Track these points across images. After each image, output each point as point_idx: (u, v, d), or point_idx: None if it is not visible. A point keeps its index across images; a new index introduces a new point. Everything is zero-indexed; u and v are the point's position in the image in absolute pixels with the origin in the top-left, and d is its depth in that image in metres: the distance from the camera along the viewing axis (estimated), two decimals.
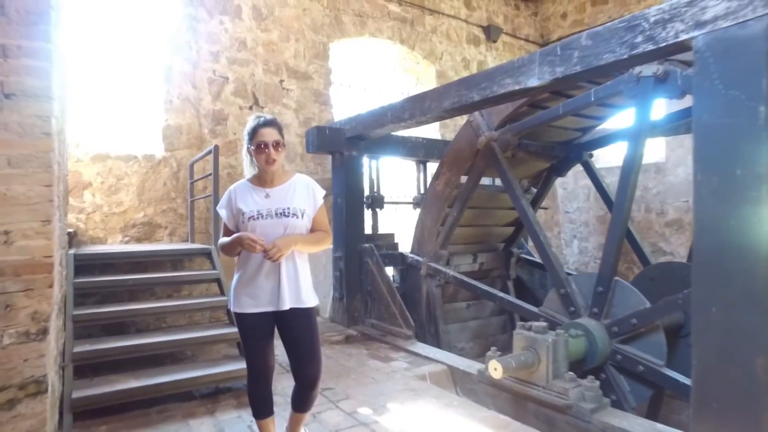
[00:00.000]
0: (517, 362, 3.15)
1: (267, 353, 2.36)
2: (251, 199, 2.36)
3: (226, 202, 2.42)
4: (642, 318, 3.39)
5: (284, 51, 6.25)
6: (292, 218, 2.32)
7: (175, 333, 3.65)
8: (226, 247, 2.35)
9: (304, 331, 2.33)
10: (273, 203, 2.34)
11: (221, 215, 2.45)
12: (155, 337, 3.53)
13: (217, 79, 5.74)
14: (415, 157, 6.15)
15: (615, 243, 3.55)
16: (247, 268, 2.33)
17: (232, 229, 2.40)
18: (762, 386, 2.19)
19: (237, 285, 2.36)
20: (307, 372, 2.31)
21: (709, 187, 2.35)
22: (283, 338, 2.39)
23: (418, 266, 5.49)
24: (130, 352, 3.31)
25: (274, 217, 2.31)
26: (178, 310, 3.89)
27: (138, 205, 5.27)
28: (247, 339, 2.36)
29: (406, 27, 7.53)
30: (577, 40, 2.95)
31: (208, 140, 5.57)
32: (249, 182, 2.45)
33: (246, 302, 2.31)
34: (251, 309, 2.30)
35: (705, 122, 2.38)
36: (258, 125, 2.37)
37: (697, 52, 2.39)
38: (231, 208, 2.39)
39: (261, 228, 2.28)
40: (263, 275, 2.30)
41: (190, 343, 3.64)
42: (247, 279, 2.32)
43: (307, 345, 2.32)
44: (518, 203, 4.32)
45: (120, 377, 3.16)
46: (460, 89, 3.81)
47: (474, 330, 5.99)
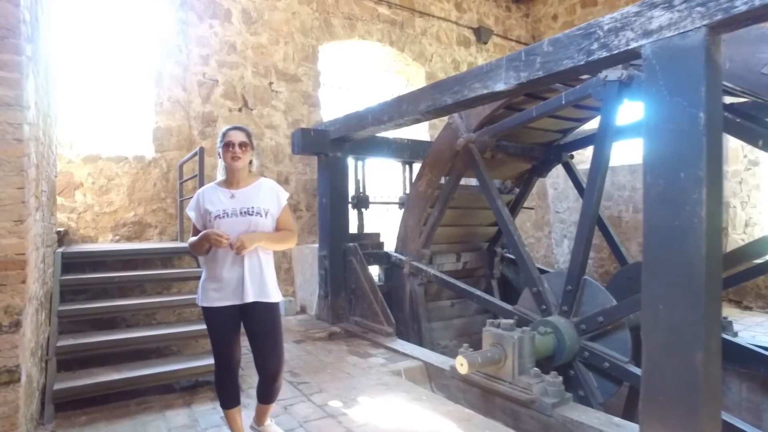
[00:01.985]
0: (483, 358, 3.26)
1: (233, 346, 2.49)
2: (218, 199, 2.51)
3: (195, 204, 2.56)
4: (608, 316, 3.50)
5: (273, 54, 6.38)
6: (255, 216, 2.46)
7: (159, 328, 3.79)
8: (194, 244, 2.48)
9: (266, 325, 2.46)
10: (238, 203, 2.48)
11: (191, 217, 2.58)
12: (138, 332, 3.67)
13: (206, 81, 5.87)
14: (400, 158, 6.26)
15: (583, 242, 3.65)
16: (214, 263, 2.47)
17: (201, 229, 2.53)
18: (701, 379, 2.29)
19: (204, 281, 2.49)
20: (269, 366, 2.44)
21: (656, 189, 2.46)
22: (248, 332, 2.51)
23: (402, 265, 5.61)
24: (113, 347, 3.45)
25: (239, 215, 2.44)
26: (165, 306, 4.01)
27: (128, 204, 5.41)
28: (214, 332, 2.49)
29: (396, 29, 7.64)
30: (540, 47, 3.06)
31: (197, 142, 5.71)
32: (217, 185, 2.59)
33: (212, 296, 2.44)
34: (217, 303, 2.43)
35: (653, 126, 2.48)
36: (227, 129, 2.57)
37: (645, 60, 2.49)
38: (199, 210, 2.53)
39: (226, 226, 2.41)
40: (227, 269, 2.43)
41: (173, 338, 3.77)
42: (213, 274, 2.46)
43: (269, 339, 2.44)
44: (493, 203, 4.43)
45: (103, 370, 3.30)
46: (434, 93, 3.92)
47: (458, 328, 6.09)
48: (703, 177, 2.27)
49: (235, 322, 2.49)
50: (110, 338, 3.50)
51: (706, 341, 2.30)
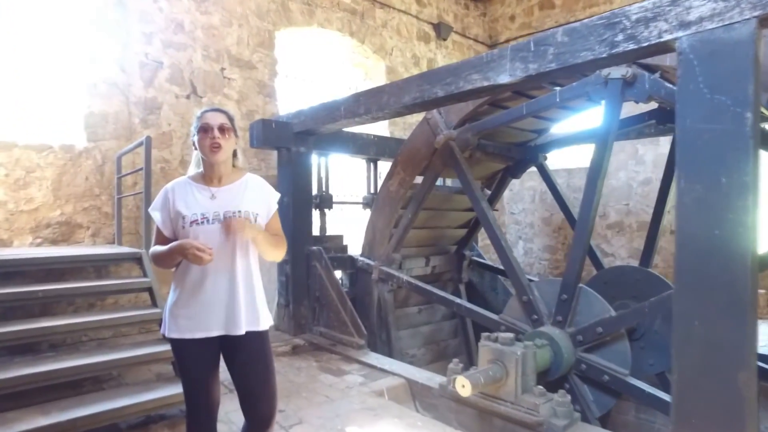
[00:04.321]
0: (485, 378, 2.96)
1: (211, 386, 1.99)
2: (193, 199, 1.99)
3: (162, 202, 2.03)
4: (608, 326, 3.32)
5: (226, 37, 5.75)
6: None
7: (97, 354, 3.12)
8: (160, 257, 1.96)
9: (257, 359, 1.99)
10: (220, 205, 1.98)
11: (154, 219, 2.04)
12: (72, 360, 2.97)
13: (149, 63, 5.15)
14: (366, 154, 5.87)
15: (580, 249, 3.46)
16: (188, 282, 1.95)
17: (168, 235, 2.01)
18: (744, 402, 2.11)
19: (174, 305, 1.97)
20: (260, 410, 1.97)
21: (693, 195, 2.25)
22: (231, 368, 2.03)
23: (369, 270, 5.22)
24: (37, 381, 2.77)
25: (222, 221, 1.95)
26: (102, 325, 3.35)
27: (53, 202, 4.61)
28: (187, 371, 1.98)
29: (357, 19, 7.23)
30: (552, 36, 2.79)
31: (138, 131, 4.99)
32: (191, 180, 2.07)
33: (184, 325, 1.93)
34: (192, 334, 1.92)
35: (688, 127, 2.27)
36: (204, 111, 2.09)
37: (681, 54, 2.28)
38: (167, 210, 2.00)
39: (205, 234, 1.91)
40: (208, 288, 1.92)
41: (116, 365, 3.14)
42: (188, 296, 1.94)
43: (261, 377, 1.98)
44: (478, 206, 4.16)
45: (23, 414, 2.61)
46: (422, 84, 3.57)
47: (425, 335, 5.81)
48: (749, 182, 2.09)
49: (215, 356, 2.00)
50: (32, 371, 2.77)
51: (748, 359, 2.13)
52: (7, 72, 4.58)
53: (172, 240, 1.97)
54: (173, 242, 1.91)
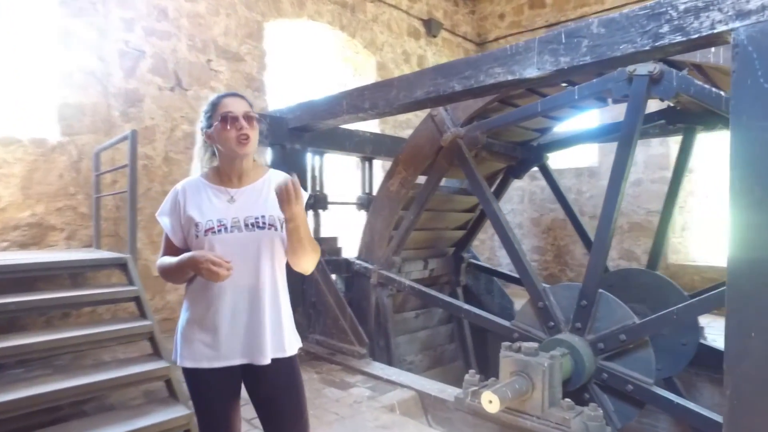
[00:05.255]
0: (512, 392, 2.76)
1: (231, 422, 1.71)
2: (208, 203, 1.71)
3: (171, 206, 1.74)
4: (632, 333, 3.17)
5: (213, 26, 5.40)
6: (269, 231, 1.70)
7: (79, 374, 2.75)
8: (169, 270, 1.68)
9: (286, 393, 1.72)
10: (240, 210, 1.70)
11: (162, 225, 1.75)
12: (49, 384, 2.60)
13: (130, 51, 4.77)
14: (361, 153, 5.60)
15: (602, 253, 3.31)
16: (203, 300, 1.67)
17: (178, 244, 1.72)
18: None
19: (187, 327, 1.68)
20: None
21: (750, 196, 2.10)
22: (256, 401, 1.76)
23: (367, 274, 4.97)
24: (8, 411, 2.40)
25: (243, 229, 1.67)
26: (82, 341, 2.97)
27: (23, 201, 4.19)
28: (203, 404, 1.70)
29: (347, 12, 6.96)
30: (586, 28, 2.61)
31: (119, 125, 4.61)
32: (204, 179, 1.77)
33: (202, 352, 1.65)
34: (210, 363, 1.64)
35: (745, 124, 2.12)
36: (221, 97, 1.77)
37: (737, 46, 2.12)
38: (178, 215, 1.71)
39: (223, 245, 1.63)
40: (227, 310, 1.64)
41: (101, 388, 2.78)
42: (203, 317, 1.66)
43: (291, 414, 1.71)
44: (489, 208, 3.97)
45: None
46: (437, 77, 3.35)
47: (423, 341, 5.60)
48: None
49: (236, 387, 1.72)
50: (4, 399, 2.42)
51: None
52: None
53: (183, 250, 1.69)
54: (184, 254, 1.63)
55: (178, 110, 5.04)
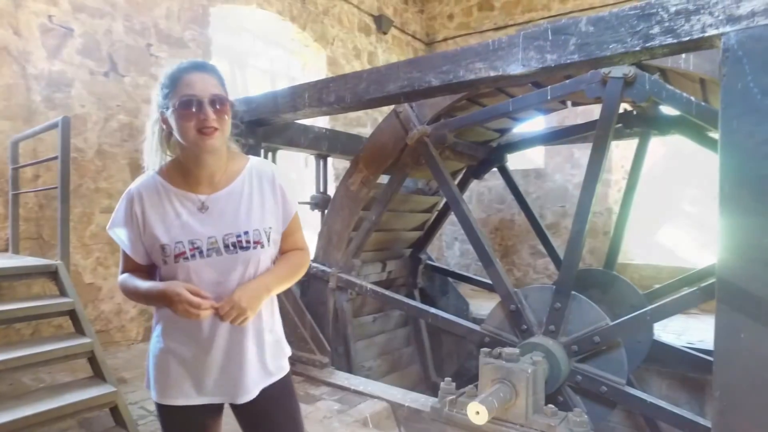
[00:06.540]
0: (498, 401, 2.64)
1: None
2: (174, 215, 1.37)
3: (125, 216, 1.39)
4: (605, 335, 3.18)
5: (153, 8, 4.90)
6: (254, 250, 1.39)
7: (14, 404, 2.32)
8: (136, 297, 1.37)
9: (282, 417, 1.48)
10: (217, 225, 1.38)
11: (117, 240, 1.41)
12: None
13: (55, 28, 4.19)
14: (317, 149, 5.33)
15: (576, 255, 3.30)
16: (179, 331, 1.38)
17: (141, 261, 1.40)
18: None
19: (161, 355, 1.39)
20: None
21: (738, 201, 2.12)
22: (246, 426, 1.50)
23: (325, 277, 4.72)
24: None
25: (223, 251, 1.36)
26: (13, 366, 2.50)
27: None
28: None
29: (297, 3, 6.63)
30: (574, 26, 2.55)
31: (41, 111, 4.03)
32: (163, 180, 1.42)
33: (179, 387, 1.38)
34: (187, 400, 1.38)
35: (734, 129, 2.13)
36: (182, 69, 1.37)
37: (727, 51, 2.13)
38: (136, 227, 1.38)
39: (199, 272, 1.34)
40: (203, 340, 1.36)
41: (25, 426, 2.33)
42: (178, 349, 1.38)
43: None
44: (458, 209, 3.86)
45: None
46: (411, 71, 3.17)
47: (380, 346, 5.43)
48: None
49: (218, 417, 1.48)
50: None
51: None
52: None
53: (145, 266, 1.40)
54: (153, 284, 1.33)
55: (113, 98, 4.51)
